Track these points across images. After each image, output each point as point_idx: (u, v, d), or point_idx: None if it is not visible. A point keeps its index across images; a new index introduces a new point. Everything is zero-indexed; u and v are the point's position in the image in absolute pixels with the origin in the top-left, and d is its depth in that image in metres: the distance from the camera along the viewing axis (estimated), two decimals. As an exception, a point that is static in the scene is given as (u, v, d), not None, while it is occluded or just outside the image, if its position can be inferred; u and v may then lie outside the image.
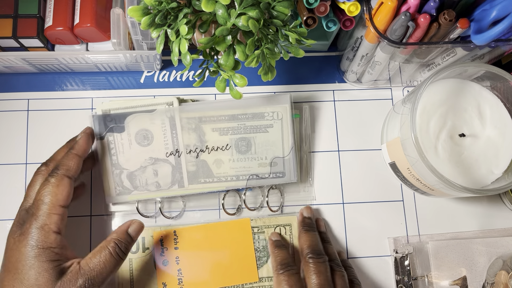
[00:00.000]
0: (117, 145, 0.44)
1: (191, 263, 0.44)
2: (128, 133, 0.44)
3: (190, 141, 0.44)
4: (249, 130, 0.45)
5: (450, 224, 0.47)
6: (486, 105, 0.42)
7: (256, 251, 0.44)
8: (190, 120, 0.44)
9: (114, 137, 0.44)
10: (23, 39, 0.42)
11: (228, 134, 0.45)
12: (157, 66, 0.48)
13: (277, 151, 0.45)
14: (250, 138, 0.45)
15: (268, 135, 0.45)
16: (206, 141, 0.44)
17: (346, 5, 0.38)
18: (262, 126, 0.45)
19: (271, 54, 0.35)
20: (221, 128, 0.44)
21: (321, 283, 0.37)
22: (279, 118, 0.45)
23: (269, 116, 0.45)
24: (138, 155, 0.44)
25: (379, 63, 0.43)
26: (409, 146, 0.38)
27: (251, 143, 0.45)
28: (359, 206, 0.47)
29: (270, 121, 0.45)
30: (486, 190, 0.37)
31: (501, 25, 0.35)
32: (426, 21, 0.36)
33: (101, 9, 0.42)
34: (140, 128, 0.44)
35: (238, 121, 0.45)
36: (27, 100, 0.47)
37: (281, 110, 0.45)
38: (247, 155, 0.45)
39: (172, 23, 0.34)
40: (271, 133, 0.45)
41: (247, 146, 0.45)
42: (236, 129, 0.45)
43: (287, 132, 0.45)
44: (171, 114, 0.44)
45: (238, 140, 0.45)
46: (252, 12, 0.32)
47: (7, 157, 0.46)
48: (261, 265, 0.44)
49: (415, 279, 0.44)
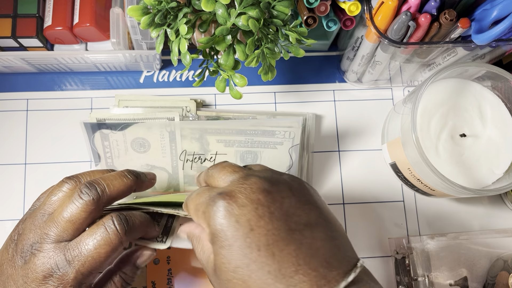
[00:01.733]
0: (113, 150, 0.42)
1: (182, 264, 0.43)
2: (124, 139, 0.42)
3: (192, 149, 0.43)
4: (257, 145, 0.43)
5: (450, 225, 0.47)
6: (487, 105, 0.42)
7: None
8: (194, 131, 0.42)
9: (110, 143, 0.42)
10: (22, 38, 0.42)
11: (233, 146, 0.43)
12: (156, 66, 0.48)
13: (282, 166, 0.44)
14: (257, 152, 0.44)
15: (276, 151, 0.44)
16: (210, 150, 0.43)
17: (347, 5, 0.38)
18: (272, 142, 0.44)
19: (271, 54, 0.35)
20: (226, 140, 0.43)
21: (231, 169, 0.29)
22: (290, 137, 0.44)
23: (280, 134, 0.44)
24: (134, 160, 0.43)
25: (379, 63, 0.43)
26: (409, 146, 0.38)
27: (258, 157, 0.44)
28: (359, 206, 0.47)
29: (281, 139, 0.44)
30: (487, 191, 0.37)
31: (502, 25, 0.35)
32: (427, 21, 0.36)
33: (101, 9, 0.42)
34: (137, 136, 0.42)
35: (246, 136, 0.43)
36: (26, 100, 0.47)
37: (294, 130, 0.44)
38: None
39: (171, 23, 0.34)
40: (279, 150, 0.44)
41: (253, 159, 0.44)
42: (243, 143, 0.43)
43: (296, 151, 0.44)
44: (171, 129, 0.42)
45: (244, 152, 0.44)
46: (252, 12, 0.32)
47: (6, 157, 0.46)
48: None
49: (415, 280, 0.44)
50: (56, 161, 0.46)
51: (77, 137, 0.46)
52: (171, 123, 0.42)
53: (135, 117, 0.42)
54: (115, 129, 0.42)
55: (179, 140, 0.43)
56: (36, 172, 0.46)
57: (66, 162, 0.46)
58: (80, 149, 0.46)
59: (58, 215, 0.28)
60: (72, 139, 0.46)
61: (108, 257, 0.28)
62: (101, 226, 0.29)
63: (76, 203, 0.28)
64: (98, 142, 0.42)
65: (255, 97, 0.49)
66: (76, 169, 0.46)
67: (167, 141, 0.42)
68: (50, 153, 0.46)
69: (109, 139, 0.42)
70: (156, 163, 0.43)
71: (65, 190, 0.30)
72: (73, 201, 0.29)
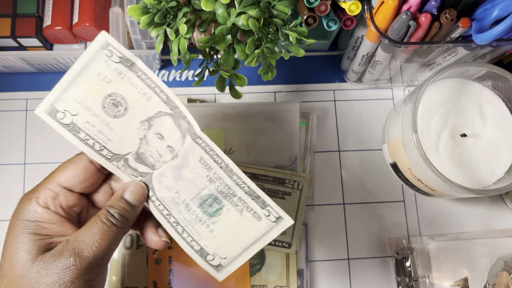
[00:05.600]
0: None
1: (184, 264, 0.43)
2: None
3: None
4: (267, 193, 0.43)
5: (451, 225, 0.47)
6: (488, 105, 0.42)
7: (250, 258, 0.44)
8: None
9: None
10: (21, 38, 0.42)
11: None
12: (156, 65, 0.48)
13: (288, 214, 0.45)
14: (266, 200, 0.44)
15: (285, 202, 0.44)
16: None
17: (347, 4, 0.38)
18: (281, 192, 0.44)
19: (271, 54, 0.35)
20: None
21: None
22: (298, 188, 0.44)
23: (289, 184, 0.44)
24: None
25: (380, 62, 0.43)
26: (410, 146, 0.38)
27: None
28: (359, 206, 0.47)
29: (290, 189, 0.44)
30: (487, 191, 0.37)
31: (503, 25, 0.35)
32: (427, 21, 0.36)
33: (100, 8, 0.42)
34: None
35: (258, 181, 0.44)
36: (25, 100, 0.47)
37: (303, 180, 0.44)
38: None
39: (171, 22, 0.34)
40: (287, 201, 0.44)
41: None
42: None
43: (303, 203, 0.44)
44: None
45: None
46: (252, 11, 0.32)
47: (5, 157, 0.46)
48: (253, 272, 0.44)
49: (416, 280, 0.44)
50: (56, 161, 0.46)
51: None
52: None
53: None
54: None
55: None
56: (36, 172, 0.45)
57: (65, 162, 0.46)
58: (80, 149, 0.46)
59: None
60: (71, 139, 0.46)
61: None
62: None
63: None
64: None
65: (255, 97, 0.49)
66: (75, 169, 0.46)
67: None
68: (49, 153, 0.46)
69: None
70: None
71: None
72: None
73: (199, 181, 0.32)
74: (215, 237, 0.32)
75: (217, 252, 0.32)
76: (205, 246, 0.32)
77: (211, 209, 0.32)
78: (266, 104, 0.46)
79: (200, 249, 0.32)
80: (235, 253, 0.32)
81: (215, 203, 0.32)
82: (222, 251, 0.32)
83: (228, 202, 0.32)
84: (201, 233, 0.32)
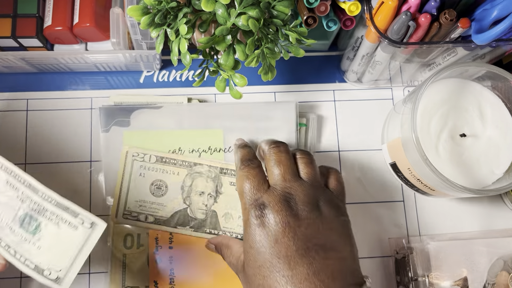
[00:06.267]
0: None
1: (185, 264, 0.43)
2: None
3: (206, 189, 0.44)
4: None
5: (451, 225, 0.47)
6: (487, 105, 0.42)
7: None
8: (212, 168, 0.44)
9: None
10: (22, 38, 0.42)
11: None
12: (156, 66, 0.48)
13: None
14: None
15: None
16: (222, 192, 0.44)
17: (347, 5, 0.38)
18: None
19: (271, 54, 0.35)
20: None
21: (282, 173, 0.35)
22: None
23: None
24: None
25: (379, 62, 0.43)
26: (410, 146, 0.38)
27: None
28: (359, 206, 0.47)
29: None
30: (487, 191, 0.37)
31: (502, 25, 0.35)
32: (427, 21, 0.36)
33: (101, 9, 0.42)
34: (156, 179, 0.44)
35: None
36: (26, 100, 0.47)
37: None
38: None
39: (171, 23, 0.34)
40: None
41: None
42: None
43: None
44: (180, 113, 0.44)
45: None
46: (252, 12, 0.32)
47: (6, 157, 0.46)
48: None
49: (415, 280, 0.44)
50: (56, 161, 0.46)
51: (77, 137, 0.46)
52: (180, 105, 0.45)
53: (148, 101, 0.46)
54: (126, 117, 0.44)
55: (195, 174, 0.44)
56: (36, 172, 0.45)
57: (66, 162, 0.46)
58: (80, 149, 0.46)
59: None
60: (72, 139, 0.46)
61: None
62: None
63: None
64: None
65: (255, 97, 0.49)
66: (76, 169, 0.46)
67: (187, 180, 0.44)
68: (50, 153, 0.46)
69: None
70: (175, 205, 0.44)
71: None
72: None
73: (13, 203, 0.34)
74: (44, 252, 0.33)
75: (51, 266, 0.33)
76: (38, 263, 0.33)
77: (31, 227, 0.34)
78: (265, 104, 0.46)
79: (35, 267, 0.33)
80: (67, 263, 0.33)
81: (32, 221, 0.34)
82: (56, 264, 0.33)
83: (43, 217, 0.34)
84: (30, 252, 0.33)
